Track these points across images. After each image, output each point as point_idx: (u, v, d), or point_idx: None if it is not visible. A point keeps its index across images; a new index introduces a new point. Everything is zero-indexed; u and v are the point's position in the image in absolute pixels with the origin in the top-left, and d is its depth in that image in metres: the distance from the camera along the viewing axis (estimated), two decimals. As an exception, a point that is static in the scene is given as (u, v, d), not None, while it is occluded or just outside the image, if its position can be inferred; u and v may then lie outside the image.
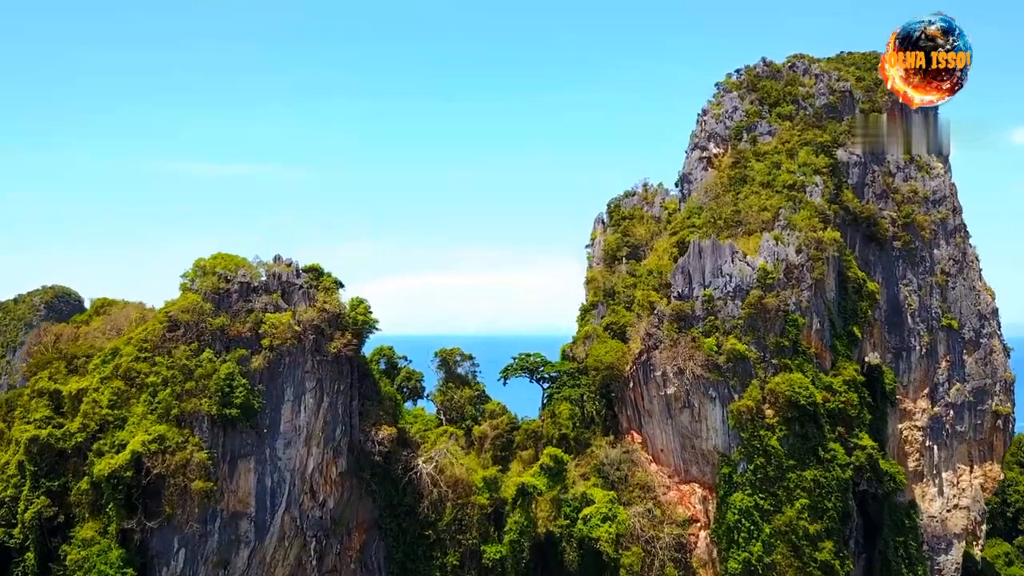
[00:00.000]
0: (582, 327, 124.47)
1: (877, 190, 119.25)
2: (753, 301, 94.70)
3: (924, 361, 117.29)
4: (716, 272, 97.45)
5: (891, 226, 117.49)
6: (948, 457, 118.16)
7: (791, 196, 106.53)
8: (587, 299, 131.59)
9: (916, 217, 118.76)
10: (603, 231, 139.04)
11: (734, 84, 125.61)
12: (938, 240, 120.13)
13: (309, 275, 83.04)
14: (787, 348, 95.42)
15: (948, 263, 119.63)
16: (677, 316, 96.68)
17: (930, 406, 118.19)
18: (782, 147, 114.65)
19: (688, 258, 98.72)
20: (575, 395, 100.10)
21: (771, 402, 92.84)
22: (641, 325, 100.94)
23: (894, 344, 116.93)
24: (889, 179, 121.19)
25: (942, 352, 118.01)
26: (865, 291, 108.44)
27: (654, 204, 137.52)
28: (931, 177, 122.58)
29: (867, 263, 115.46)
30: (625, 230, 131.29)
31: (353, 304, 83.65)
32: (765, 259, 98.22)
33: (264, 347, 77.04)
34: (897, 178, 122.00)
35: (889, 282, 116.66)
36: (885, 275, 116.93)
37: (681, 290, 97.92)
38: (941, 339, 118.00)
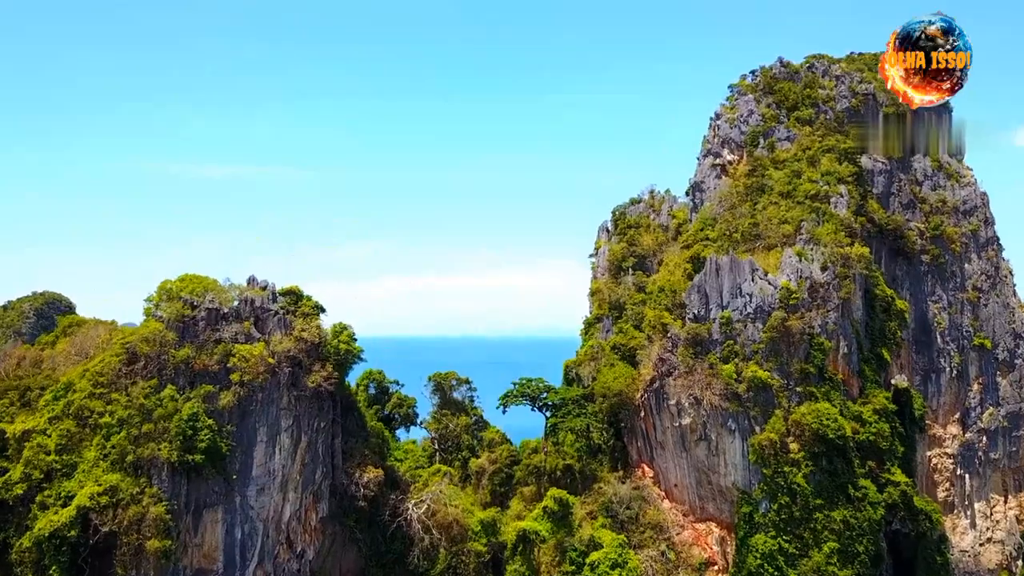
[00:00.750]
0: (586, 341, 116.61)
1: (904, 200, 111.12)
2: (775, 324, 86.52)
3: (955, 384, 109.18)
4: (735, 291, 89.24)
5: (919, 239, 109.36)
6: (981, 487, 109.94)
7: (814, 207, 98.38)
8: (591, 311, 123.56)
9: (945, 229, 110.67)
10: (608, 240, 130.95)
11: (749, 86, 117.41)
12: (969, 253, 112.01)
13: (286, 299, 74.85)
14: (812, 375, 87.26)
15: (980, 278, 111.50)
16: (693, 340, 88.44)
17: (961, 432, 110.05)
18: (802, 154, 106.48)
19: (704, 276, 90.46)
20: (580, 425, 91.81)
21: (796, 435, 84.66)
22: (653, 349, 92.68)
23: (922, 365, 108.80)
24: (916, 188, 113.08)
25: (974, 374, 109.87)
26: (894, 310, 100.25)
27: (661, 212, 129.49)
28: (961, 186, 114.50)
29: (894, 279, 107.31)
30: (631, 239, 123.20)
31: (335, 331, 75.49)
32: (787, 277, 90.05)
33: (234, 382, 68.74)
34: (924, 187, 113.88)
35: (917, 299, 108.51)
36: (913, 291, 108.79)
37: (697, 311, 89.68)
38: (973, 360, 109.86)
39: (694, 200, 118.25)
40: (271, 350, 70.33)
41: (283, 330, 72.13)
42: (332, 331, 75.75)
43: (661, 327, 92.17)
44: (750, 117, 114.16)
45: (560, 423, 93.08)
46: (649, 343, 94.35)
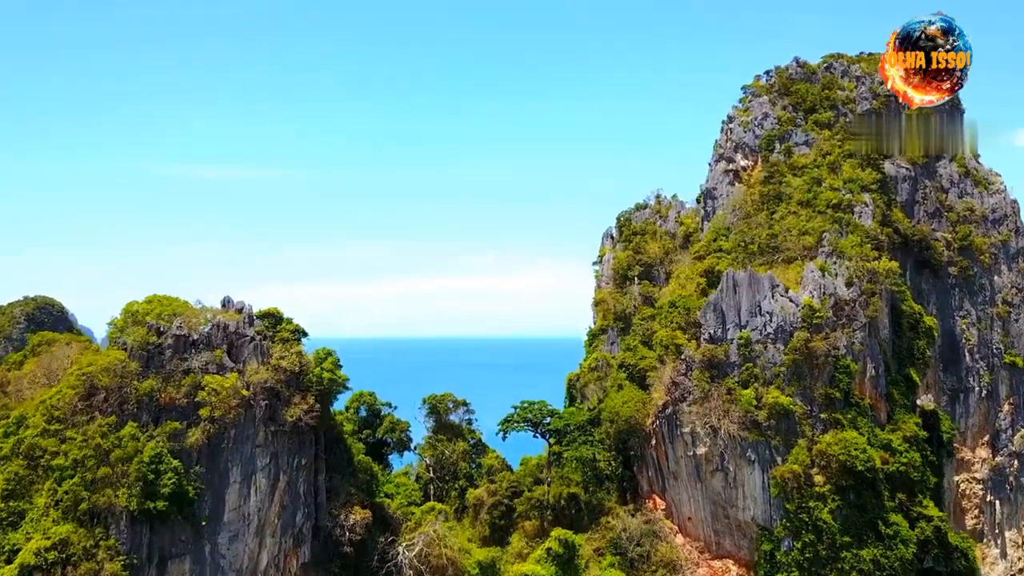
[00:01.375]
0: (590, 353, 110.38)
1: (929, 208, 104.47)
2: (798, 345, 79.75)
3: (984, 404, 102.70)
4: (753, 310, 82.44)
5: (946, 250, 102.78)
6: (1012, 514, 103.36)
7: (836, 217, 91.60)
8: (595, 322, 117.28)
9: (974, 239, 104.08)
10: (612, 247, 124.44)
11: (763, 87, 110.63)
12: (999, 265, 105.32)
13: (264, 323, 68.01)
14: (838, 400, 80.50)
15: (1011, 292, 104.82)
16: (708, 362, 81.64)
17: (991, 455, 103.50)
18: (822, 160, 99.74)
19: (721, 293, 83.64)
20: (586, 454, 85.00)
21: (821, 466, 77.84)
22: (665, 371, 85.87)
23: (950, 385, 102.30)
24: (942, 195, 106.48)
25: (1004, 394, 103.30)
26: (922, 327, 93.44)
27: (668, 218, 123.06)
28: (989, 193, 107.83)
29: (919, 292, 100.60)
30: (637, 247, 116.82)
31: (318, 357, 68.71)
32: (810, 294, 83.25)
33: (203, 418, 61.90)
34: (951, 194, 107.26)
35: (944, 314, 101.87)
36: (940, 306, 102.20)
37: (713, 331, 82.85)
38: (1003, 379, 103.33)
39: (705, 208, 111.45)
40: (245, 381, 63.53)
41: (259, 358, 65.29)
42: (315, 357, 69.04)
43: (674, 348, 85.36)
44: (765, 120, 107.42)
45: (565, 451, 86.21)
46: (660, 364, 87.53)
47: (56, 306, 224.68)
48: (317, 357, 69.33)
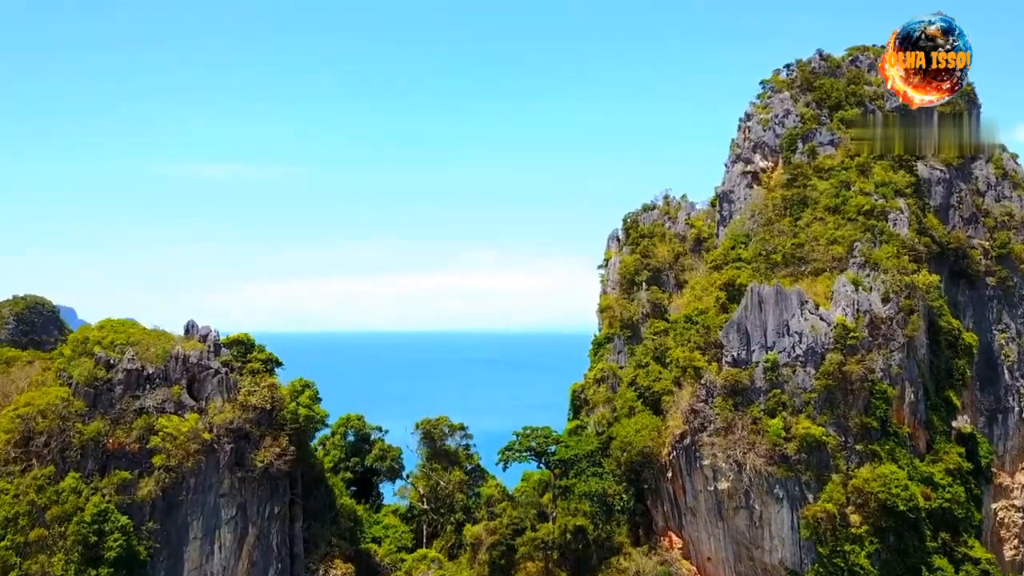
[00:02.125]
0: (595, 363, 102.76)
1: (965, 213, 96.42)
2: (830, 369, 71.90)
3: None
4: (781, 329, 74.45)
5: (983, 258, 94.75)
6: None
7: (868, 225, 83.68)
8: (601, 330, 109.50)
9: (1013, 246, 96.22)
10: (619, 250, 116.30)
11: (784, 82, 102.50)
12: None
13: (233, 351, 59.92)
14: (875, 430, 72.72)
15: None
16: (731, 388, 73.70)
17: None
18: (850, 161, 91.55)
19: (745, 310, 75.61)
20: (596, 489, 77.04)
21: (858, 505, 70.05)
22: (682, 396, 77.94)
23: (987, 405, 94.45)
24: (978, 199, 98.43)
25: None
26: (961, 345, 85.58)
27: (677, 220, 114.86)
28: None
29: (955, 305, 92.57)
30: (645, 250, 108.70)
31: (294, 390, 60.62)
32: (842, 311, 75.32)
33: (156, 467, 53.85)
34: (987, 197, 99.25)
35: (981, 328, 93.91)
36: (976, 319, 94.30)
37: (736, 353, 74.85)
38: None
39: (721, 212, 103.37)
40: (208, 422, 55.53)
41: (225, 394, 57.24)
42: (290, 390, 60.92)
43: (692, 371, 77.37)
44: (786, 118, 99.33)
45: (572, 484, 78.22)
46: (677, 388, 79.59)
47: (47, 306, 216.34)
48: (293, 390, 61.34)
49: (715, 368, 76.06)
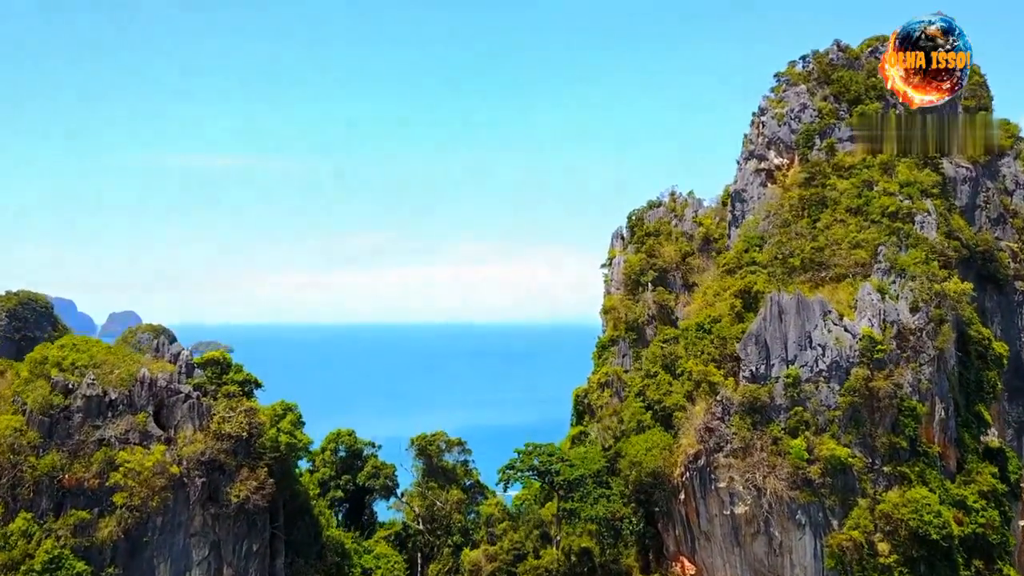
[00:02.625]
0: (599, 367, 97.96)
1: (992, 214, 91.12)
2: (856, 385, 66.83)
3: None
4: (803, 342, 69.26)
5: (1012, 261, 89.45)
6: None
7: (894, 228, 78.30)
8: (605, 332, 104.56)
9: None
10: (623, 249, 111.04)
11: (800, 75, 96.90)
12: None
13: (207, 372, 54.64)
14: (903, 450, 67.70)
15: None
16: (750, 405, 68.54)
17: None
18: (872, 159, 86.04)
19: (764, 321, 70.39)
20: (603, 513, 71.95)
21: (886, 532, 65.02)
22: (695, 411, 72.82)
23: (1016, 416, 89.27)
24: (1006, 199, 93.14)
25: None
26: (991, 355, 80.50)
27: (684, 218, 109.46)
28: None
29: (982, 311, 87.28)
30: (650, 249, 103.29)
31: (275, 414, 55.33)
32: (868, 321, 70.12)
33: (118, 505, 48.65)
34: (1015, 197, 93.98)
35: (1010, 335, 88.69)
36: (1004, 326, 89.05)
37: (755, 368, 69.63)
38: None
39: (733, 211, 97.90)
40: (176, 453, 50.33)
41: (196, 421, 52.00)
42: (270, 413, 55.62)
43: (707, 385, 72.18)
44: (803, 112, 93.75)
45: (578, 508, 73.10)
46: (689, 403, 74.43)
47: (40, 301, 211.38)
48: (273, 414, 56.10)
49: (731, 383, 70.91)
